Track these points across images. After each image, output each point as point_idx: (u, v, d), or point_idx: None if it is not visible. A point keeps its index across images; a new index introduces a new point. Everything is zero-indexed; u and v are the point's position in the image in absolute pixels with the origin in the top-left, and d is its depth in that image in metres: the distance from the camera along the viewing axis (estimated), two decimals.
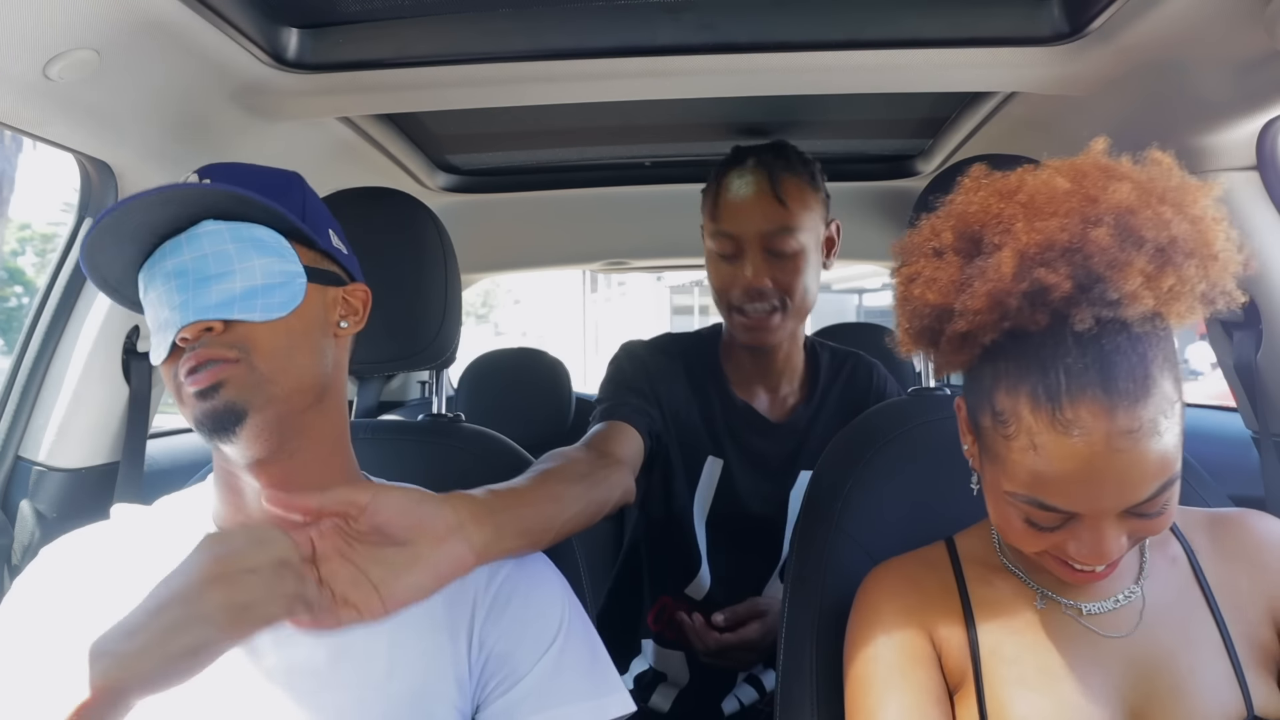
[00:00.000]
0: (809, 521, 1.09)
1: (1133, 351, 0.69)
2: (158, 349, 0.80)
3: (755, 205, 1.31)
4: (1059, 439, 0.69)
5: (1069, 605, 0.83)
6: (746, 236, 1.31)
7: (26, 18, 0.86)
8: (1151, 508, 0.72)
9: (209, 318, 0.78)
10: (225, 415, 0.77)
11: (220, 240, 0.80)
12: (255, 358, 0.79)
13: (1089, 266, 0.69)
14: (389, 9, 1.14)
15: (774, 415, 1.45)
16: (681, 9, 1.14)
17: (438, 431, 1.19)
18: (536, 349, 2.57)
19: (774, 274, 1.32)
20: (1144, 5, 0.99)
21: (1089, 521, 0.72)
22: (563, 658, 0.83)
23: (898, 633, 0.85)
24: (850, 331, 2.71)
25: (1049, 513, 0.73)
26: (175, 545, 0.83)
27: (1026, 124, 1.48)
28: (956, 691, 0.84)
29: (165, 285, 0.79)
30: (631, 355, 1.44)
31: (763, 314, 1.33)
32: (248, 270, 0.79)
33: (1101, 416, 0.68)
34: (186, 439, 1.73)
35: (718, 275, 1.37)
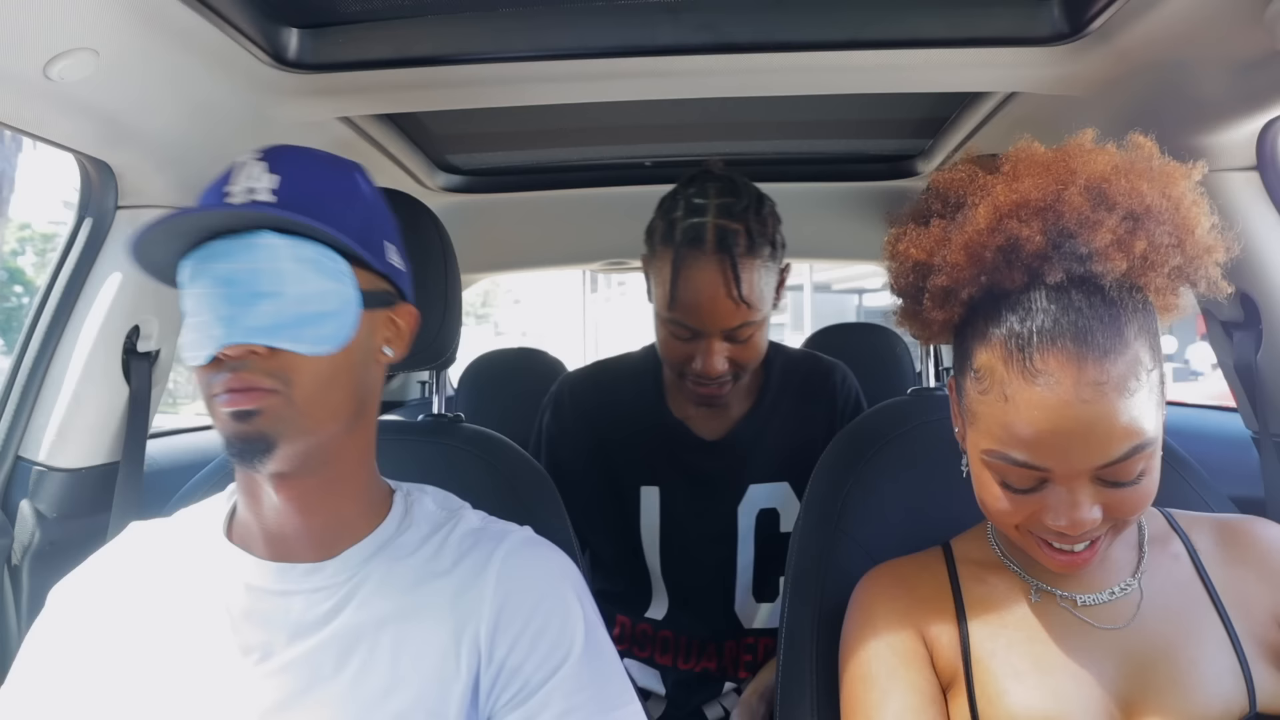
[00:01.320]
0: (809, 521, 1.09)
1: (1106, 312, 0.72)
2: (195, 353, 0.76)
3: (716, 306, 1.21)
4: (1028, 388, 0.71)
5: (1064, 596, 0.84)
6: (707, 331, 1.24)
7: (26, 18, 0.86)
8: (1123, 474, 0.72)
9: (256, 342, 0.74)
10: (256, 443, 0.76)
11: (276, 257, 0.75)
12: (294, 390, 0.76)
13: (1061, 224, 0.72)
14: (389, 9, 1.14)
15: (712, 433, 1.41)
16: (681, 9, 1.14)
17: (438, 431, 1.19)
18: (536, 349, 2.58)
19: (732, 355, 1.26)
20: (1144, 5, 0.99)
21: (1062, 482, 0.73)
22: (579, 670, 0.80)
23: (890, 635, 0.86)
24: (850, 331, 2.72)
25: (1022, 470, 0.74)
26: (189, 559, 0.85)
27: (1026, 124, 1.47)
28: (949, 689, 0.85)
29: (213, 290, 0.75)
30: (548, 424, 1.46)
31: (716, 387, 1.29)
32: (301, 294, 0.76)
33: (1070, 366, 0.70)
34: (186, 439, 1.73)
35: (669, 348, 1.29)
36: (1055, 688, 0.79)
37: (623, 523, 1.41)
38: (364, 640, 0.79)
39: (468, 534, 0.87)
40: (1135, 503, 0.74)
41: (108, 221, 1.25)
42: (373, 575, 0.82)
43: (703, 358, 1.25)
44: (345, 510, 0.84)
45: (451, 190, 2.02)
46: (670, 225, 1.25)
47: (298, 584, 0.81)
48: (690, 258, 1.21)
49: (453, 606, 0.81)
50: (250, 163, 0.80)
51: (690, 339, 1.26)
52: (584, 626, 0.82)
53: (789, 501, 1.40)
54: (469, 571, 0.83)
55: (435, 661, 0.79)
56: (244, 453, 0.76)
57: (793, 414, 1.41)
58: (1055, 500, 0.74)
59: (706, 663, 1.45)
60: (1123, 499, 0.74)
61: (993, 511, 0.79)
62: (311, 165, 0.82)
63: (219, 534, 0.86)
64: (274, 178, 0.78)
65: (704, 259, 1.21)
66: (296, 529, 0.82)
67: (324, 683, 0.78)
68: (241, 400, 0.75)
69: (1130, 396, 0.70)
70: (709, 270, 1.20)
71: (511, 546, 0.85)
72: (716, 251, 1.20)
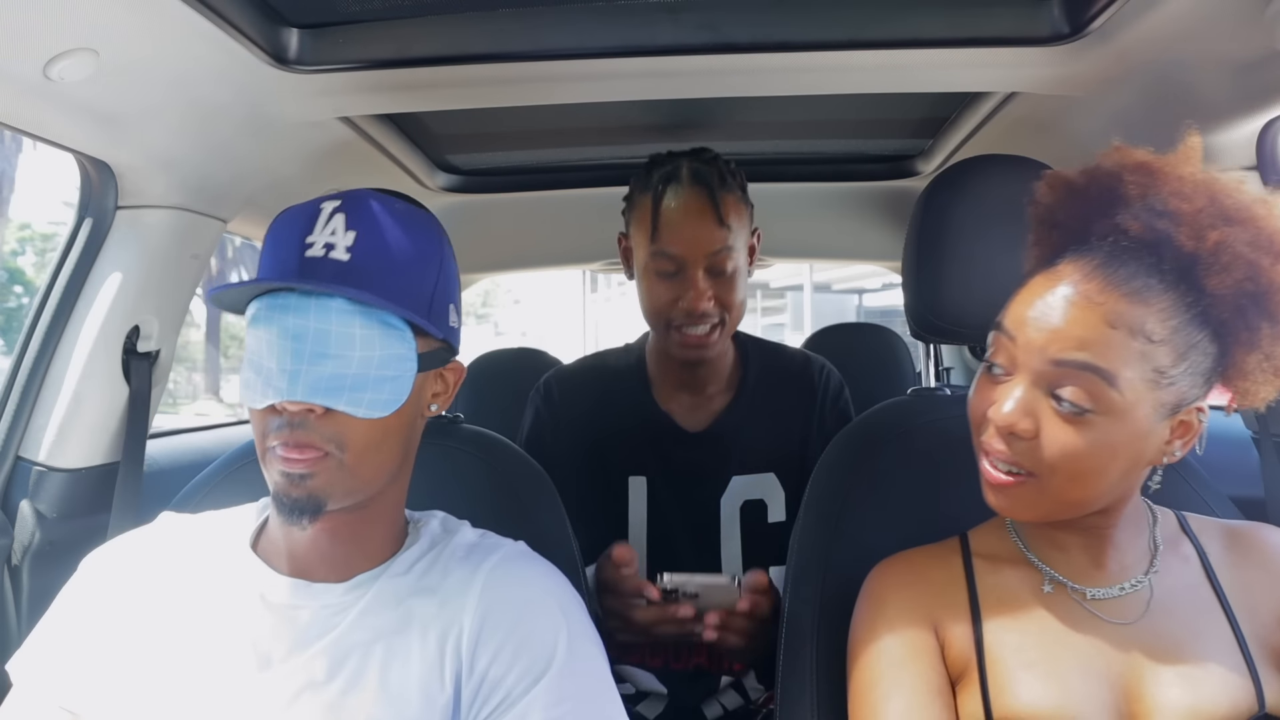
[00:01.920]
0: (809, 521, 1.09)
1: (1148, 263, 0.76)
2: (255, 397, 0.78)
3: (700, 227, 1.28)
4: (1044, 277, 0.80)
5: (1074, 589, 0.84)
6: (690, 258, 1.29)
7: (26, 18, 0.86)
8: (1073, 386, 0.75)
9: (316, 401, 0.76)
10: (306, 503, 0.78)
11: (349, 322, 0.77)
12: (346, 454, 0.79)
13: (1162, 187, 0.78)
14: (389, 9, 1.14)
15: (695, 424, 1.44)
16: (681, 9, 1.14)
17: (437, 432, 1.19)
18: (536, 349, 2.58)
19: (715, 293, 1.30)
20: (1144, 5, 0.99)
21: (1022, 373, 0.79)
22: (560, 683, 0.79)
23: (901, 626, 0.86)
24: (850, 331, 2.72)
25: (1002, 348, 0.81)
26: (213, 562, 0.87)
27: (1026, 124, 1.48)
28: (959, 681, 0.85)
29: (280, 340, 0.77)
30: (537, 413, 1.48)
31: (703, 332, 1.32)
32: (366, 359, 0.78)
33: (1081, 270, 0.77)
34: (187, 439, 1.73)
35: (655, 295, 1.34)
36: (1065, 681, 0.79)
37: (612, 513, 1.42)
38: (356, 651, 0.80)
39: (460, 548, 0.88)
40: (1063, 440, 0.77)
41: (108, 221, 1.25)
42: (372, 592, 0.84)
43: (689, 294, 1.29)
44: (372, 540, 0.87)
45: (451, 190, 2.02)
46: (647, 179, 1.35)
47: (308, 600, 0.84)
48: (670, 190, 1.31)
49: (438, 618, 0.82)
50: (332, 212, 0.80)
51: (674, 275, 1.31)
52: (567, 639, 0.82)
53: (775, 491, 1.42)
54: (457, 584, 0.84)
55: (421, 673, 0.80)
56: (293, 510, 0.79)
57: (773, 406, 1.44)
58: (1005, 394, 0.80)
59: (698, 659, 1.44)
60: (1060, 422, 0.77)
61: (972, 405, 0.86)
62: (389, 221, 0.82)
63: (245, 544, 0.88)
64: (351, 235, 0.79)
65: (683, 189, 1.30)
66: (323, 553, 0.85)
67: (316, 689, 0.79)
68: (296, 463, 0.77)
69: (1110, 328, 0.74)
70: (688, 196, 1.30)
71: (500, 560, 0.87)
72: (693, 183, 1.30)
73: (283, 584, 0.84)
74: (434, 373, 0.87)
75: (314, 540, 0.84)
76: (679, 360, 1.38)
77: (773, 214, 1.63)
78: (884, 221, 2.14)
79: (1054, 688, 0.79)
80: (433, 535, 0.91)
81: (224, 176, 1.34)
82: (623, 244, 1.45)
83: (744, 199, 1.35)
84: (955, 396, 1.17)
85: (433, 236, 0.86)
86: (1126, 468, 0.78)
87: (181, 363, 12.32)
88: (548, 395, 1.50)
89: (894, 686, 0.83)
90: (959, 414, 1.13)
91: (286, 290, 0.78)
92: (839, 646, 0.97)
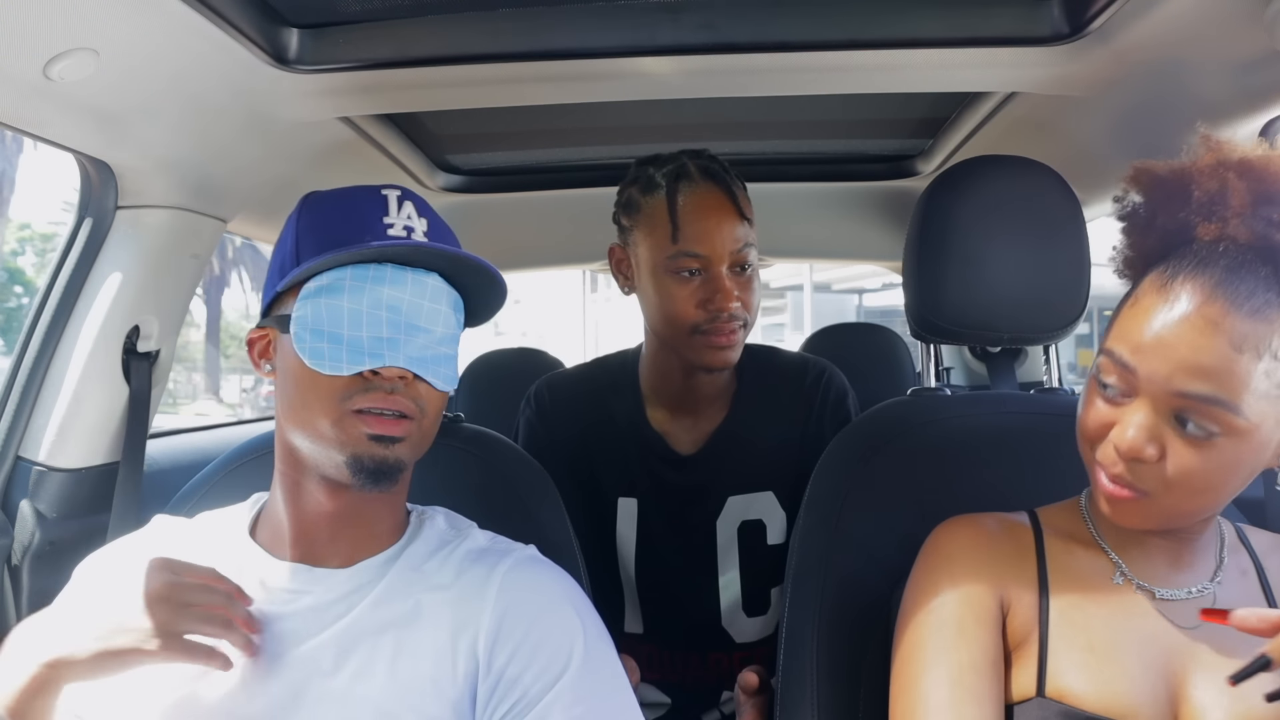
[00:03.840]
0: (809, 522, 1.09)
1: (1267, 277, 0.74)
2: (337, 363, 0.79)
3: (725, 223, 1.23)
4: (1158, 297, 0.76)
5: (1142, 586, 0.84)
6: (716, 256, 1.23)
7: (26, 18, 0.86)
8: (1200, 415, 0.73)
9: (412, 369, 0.81)
10: (392, 468, 0.81)
11: (440, 299, 0.84)
12: (424, 420, 0.84)
13: (1271, 189, 0.75)
14: (389, 9, 1.14)
15: (688, 446, 1.37)
16: (681, 9, 1.13)
17: (438, 431, 1.19)
18: (536, 349, 2.58)
19: (739, 292, 1.24)
20: (1144, 5, 0.99)
21: (1143, 394, 0.75)
22: (578, 683, 0.80)
23: (965, 585, 0.85)
24: (850, 331, 2.72)
25: (1119, 373, 0.77)
26: (210, 554, 0.87)
27: (1026, 124, 1.48)
28: (1016, 651, 0.84)
29: (374, 310, 0.81)
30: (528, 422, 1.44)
31: (730, 331, 1.25)
32: (444, 336, 0.84)
33: (1203, 291, 0.73)
34: (187, 439, 1.73)
35: (678, 299, 1.24)
36: (1123, 672, 0.79)
37: (599, 533, 1.38)
38: (364, 642, 0.81)
39: (473, 551, 0.89)
40: (1193, 462, 0.75)
41: (108, 221, 1.25)
42: (380, 583, 0.84)
43: (719, 295, 1.23)
44: (379, 525, 0.88)
45: (451, 190, 2.02)
46: (649, 180, 1.28)
47: (311, 585, 0.84)
48: (685, 188, 1.25)
49: (453, 616, 0.82)
50: (399, 199, 0.86)
51: (698, 275, 1.24)
52: (584, 640, 0.83)
53: (774, 512, 1.36)
54: (471, 584, 0.84)
55: (432, 667, 0.80)
56: (375, 474, 0.81)
57: (769, 420, 1.37)
58: (1127, 419, 0.76)
59: (696, 675, 1.43)
60: (1187, 448, 0.74)
61: (1084, 422, 0.82)
62: (437, 217, 0.89)
63: (243, 533, 0.89)
64: (424, 221, 0.86)
65: (699, 185, 1.25)
66: (331, 535, 0.86)
67: (323, 680, 0.79)
68: (393, 427, 0.81)
69: (1239, 354, 0.72)
70: (708, 192, 1.24)
71: (515, 562, 0.87)
72: (707, 179, 1.25)
73: (283, 569, 0.85)
74: None
75: (326, 521, 0.85)
76: (704, 366, 1.29)
77: (773, 214, 1.63)
78: (884, 221, 2.14)
79: (1110, 676, 0.79)
80: (441, 533, 0.91)
81: (224, 176, 1.34)
82: (616, 255, 1.36)
83: (747, 193, 1.31)
84: (955, 396, 1.17)
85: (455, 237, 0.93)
86: (1245, 478, 0.78)
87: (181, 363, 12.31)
88: (539, 407, 1.44)
89: (948, 653, 0.82)
90: (959, 414, 1.14)
91: (373, 263, 0.82)
92: (839, 647, 0.97)
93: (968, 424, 1.12)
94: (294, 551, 0.86)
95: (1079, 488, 0.93)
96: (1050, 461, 1.06)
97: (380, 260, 0.82)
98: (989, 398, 1.19)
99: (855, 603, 1.02)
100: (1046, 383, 1.23)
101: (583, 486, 1.38)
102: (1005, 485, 1.03)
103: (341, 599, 0.83)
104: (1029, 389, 1.23)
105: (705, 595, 1.39)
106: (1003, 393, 1.24)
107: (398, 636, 0.81)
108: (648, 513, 1.38)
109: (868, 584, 1.03)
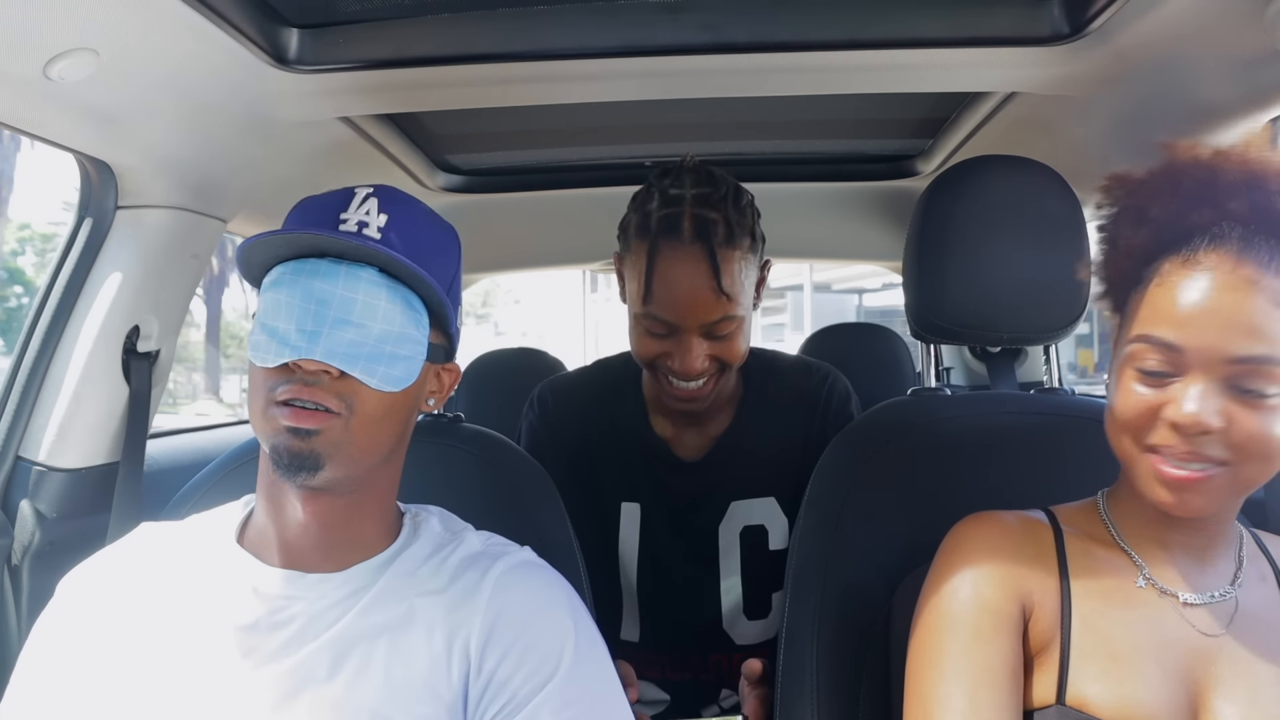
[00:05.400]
0: (809, 522, 1.09)
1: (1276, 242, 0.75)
2: (268, 356, 0.79)
3: (696, 298, 1.16)
4: (1186, 271, 0.76)
5: (1166, 591, 0.82)
6: (685, 325, 1.18)
7: (26, 18, 0.86)
8: (1256, 377, 0.73)
9: (334, 364, 0.78)
10: (306, 460, 0.79)
11: (375, 293, 0.80)
12: (353, 418, 0.80)
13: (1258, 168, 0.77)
14: (389, 9, 1.14)
15: (692, 453, 1.37)
16: (681, 9, 1.13)
17: (438, 431, 1.19)
18: (536, 349, 2.58)
19: (713, 351, 1.20)
20: (1144, 5, 0.99)
21: (1194, 371, 0.74)
22: (568, 686, 0.80)
23: (986, 588, 0.83)
24: (850, 332, 2.72)
25: (1163, 353, 0.76)
26: (198, 560, 0.86)
27: (1026, 124, 1.48)
28: (1037, 657, 0.82)
29: (304, 303, 0.79)
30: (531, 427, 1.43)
31: (696, 388, 1.22)
32: (384, 333, 0.81)
33: (1228, 260, 0.74)
34: (186, 439, 1.73)
35: (644, 346, 1.22)
36: (1145, 681, 0.78)
37: (601, 538, 1.38)
38: (359, 647, 0.80)
39: (468, 555, 0.88)
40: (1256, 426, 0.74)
41: (108, 221, 1.25)
42: (373, 588, 0.84)
43: (681, 356, 1.19)
44: (364, 530, 0.88)
45: (451, 190, 2.02)
46: (645, 217, 1.20)
47: (303, 591, 0.83)
48: (667, 248, 1.16)
49: (446, 619, 0.82)
50: (366, 196, 0.84)
51: (666, 336, 1.20)
52: (575, 643, 0.82)
53: (776, 518, 1.36)
54: (465, 587, 0.84)
55: (426, 670, 0.80)
56: (291, 467, 0.79)
57: (773, 425, 1.36)
58: (1185, 393, 0.75)
59: (696, 674, 1.42)
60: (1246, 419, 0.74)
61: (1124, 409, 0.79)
62: (417, 215, 0.87)
63: (230, 539, 0.88)
64: (383, 217, 0.83)
65: (681, 248, 1.16)
66: (315, 542, 0.85)
67: (318, 686, 0.79)
68: (306, 419, 0.78)
69: (1276, 309, 0.73)
70: (687, 260, 1.15)
71: (508, 565, 0.87)
72: (694, 240, 1.15)
73: (274, 575, 0.84)
74: (435, 368, 0.91)
75: (306, 528, 0.84)
76: (674, 410, 1.30)
77: (773, 214, 1.63)
78: (884, 221, 2.14)
79: (1132, 685, 0.78)
80: (436, 536, 0.91)
81: (224, 176, 1.34)
82: (616, 265, 1.33)
83: (752, 249, 1.21)
84: (955, 396, 1.17)
85: (452, 236, 0.91)
86: None
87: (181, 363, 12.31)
88: (543, 410, 1.44)
89: (965, 660, 0.80)
90: (959, 414, 1.14)
91: (314, 257, 0.81)
92: (839, 647, 0.97)
93: (968, 424, 1.12)
94: (281, 558, 0.85)
95: (1079, 487, 0.93)
96: (1051, 461, 1.06)
97: (315, 254, 0.81)
98: (989, 398, 1.20)
99: (855, 603, 1.02)
100: (1047, 383, 1.23)
101: (585, 490, 1.37)
102: (1005, 485, 1.03)
103: (335, 604, 0.83)
104: (1029, 389, 1.23)
105: (706, 599, 1.39)
106: (1003, 393, 1.24)
107: (392, 640, 0.81)
108: (650, 518, 1.37)
109: (868, 584, 1.03)
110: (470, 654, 0.81)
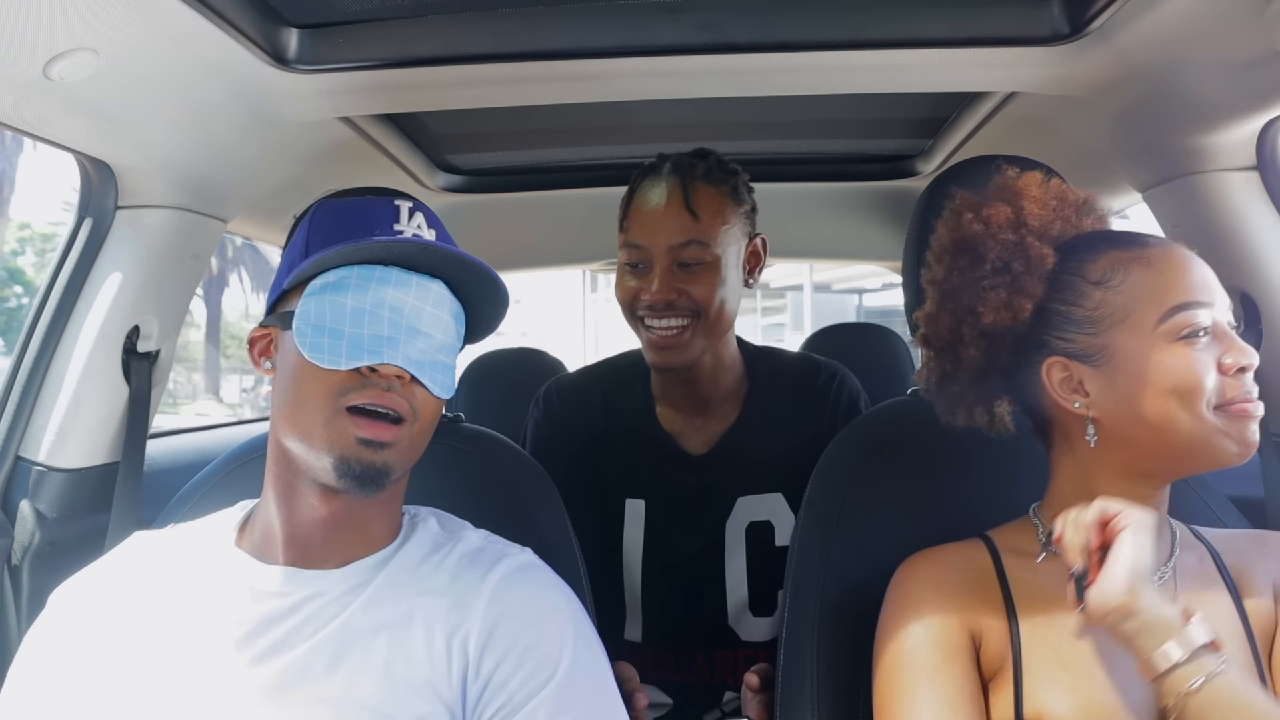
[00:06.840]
0: (809, 521, 1.09)
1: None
2: (336, 357, 0.79)
3: (665, 216, 1.25)
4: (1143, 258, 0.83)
5: None
6: (655, 248, 1.25)
7: (26, 18, 0.86)
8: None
9: (410, 370, 0.81)
10: (378, 474, 0.80)
11: (443, 305, 0.85)
12: (416, 425, 0.83)
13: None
14: (389, 9, 1.14)
15: (698, 447, 1.38)
16: (681, 9, 1.13)
17: (438, 431, 1.18)
18: (536, 349, 2.58)
19: (684, 286, 1.25)
20: (1144, 5, 0.99)
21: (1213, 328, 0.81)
22: (564, 691, 0.80)
23: (935, 624, 0.85)
24: (850, 332, 2.72)
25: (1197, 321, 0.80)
26: (194, 563, 0.86)
27: (1026, 124, 1.48)
28: (992, 680, 0.84)
29: (376, 310, 0.81)
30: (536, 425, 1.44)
31: (673, 330, 1.26)
32: (444, 343, 0.85)
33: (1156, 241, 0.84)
34: (187, 439, 1.73)
35: (622, 287, 1.31)
36: (1101, 683, 0.79)
37: (605, 535, 1.38)
38: (358, 644, 0.80)
39: (467, 554, 0.89)
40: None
41: (108, 221, 1.25)
42: (373, 585, 0.84)
43: (649, 285, 1.25)
44: (374, 528, 0.88)
45: (451, 190, 2.02)
46: (639, 171, 1.33)
47: (302, 588, 0.83)
48: (645, 181, 1.30)
49: (446, 619, 0.82)
50: (410, 209, 0.87)
51: (643, 268, 1.28)
52: (573, 648, 0.82)
53: (783, 514, 1.36)
54: (465, 587, 0.84)
55: (426, 668, 0.80)
56: (361, 479, 0.80)
57: (780, 421, 1.37)
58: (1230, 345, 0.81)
59: (701, 673, 1.42)
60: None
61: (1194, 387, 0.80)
62: (446, 231, 0.90)
63: (228, 542, 0.88)
64: (433, 232, 0.87)
65: (658, 178, 1.28)
66: (324, 539, 0.85)
67: (316, 683, 0.79)
68: (383, 432, 0.80)
69: None
70: (661, 185, 1.27)
71: (510, 567, 0.87)
72: (671, 173, 1.28)
73: (272, 573, 0.84)
74: None
75: (319, 525, 0.84)
76: (655, 366, 1.33)
77: (773, 214, 1.63)
78: (884, 221, 2.14)
79: (1087, 690, 0.79)
80: (435, 535, 0.91)
81: (224, 176, 1.34)
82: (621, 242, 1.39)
83: (732, 195, 1.30)
84: None
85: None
86: None
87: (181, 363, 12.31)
88: (548, 408, 1.45)
89: (925, 686, 0.83)
90: None
91: (380, 264, 0.82)
92: (839, 647, 0.97)
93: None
94: (286, 555, 0.85)
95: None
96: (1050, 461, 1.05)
97: (386, 262, 0.82)
98: None
99: (855, 602, 1.02)
100: None
101: (590, 489, 1.37)
102: (1005, 485, 1.02)
103: (334, 600, 0.83)
104: None
105: (712, 595, 1.39)
106: None
107: (391, 638, 0.81)
108: (655, 514, 1.37)
109: (868, 583, 1.02)
110: (469, 654, 0.81)
